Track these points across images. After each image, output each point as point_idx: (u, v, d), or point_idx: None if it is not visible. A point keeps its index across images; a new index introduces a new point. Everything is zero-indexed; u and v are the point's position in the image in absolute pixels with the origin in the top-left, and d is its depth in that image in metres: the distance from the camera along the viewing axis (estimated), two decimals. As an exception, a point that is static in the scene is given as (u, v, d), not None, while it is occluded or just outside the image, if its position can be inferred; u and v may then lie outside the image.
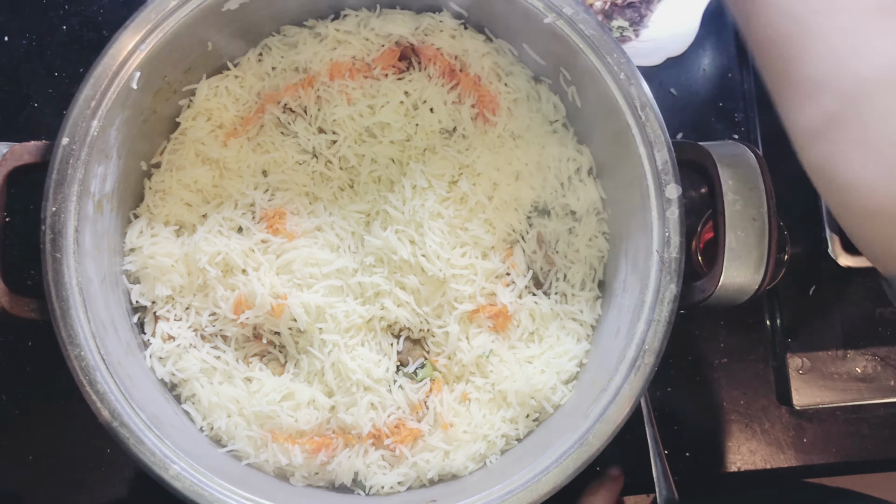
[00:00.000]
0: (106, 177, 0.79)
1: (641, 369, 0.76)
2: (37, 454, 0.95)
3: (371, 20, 0.90)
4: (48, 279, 0.72)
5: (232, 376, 0.86)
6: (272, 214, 0.88)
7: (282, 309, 0.85)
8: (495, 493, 0.74)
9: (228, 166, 0.90)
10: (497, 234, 0.89)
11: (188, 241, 0.87)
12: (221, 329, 0.87)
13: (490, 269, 0.88)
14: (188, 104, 0.90)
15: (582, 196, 0.91)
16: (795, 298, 1.05)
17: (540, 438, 0.85)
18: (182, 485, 0.71)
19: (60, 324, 0.72)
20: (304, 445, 0.83)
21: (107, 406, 0.71)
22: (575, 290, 0.91)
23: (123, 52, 0.75)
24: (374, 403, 0.85)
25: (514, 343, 0.89)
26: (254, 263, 0.86)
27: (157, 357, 0.85)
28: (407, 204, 0.88)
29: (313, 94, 0.90)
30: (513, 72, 0.92)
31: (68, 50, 1.01)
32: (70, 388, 0.95)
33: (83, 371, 0.71)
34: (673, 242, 0.77)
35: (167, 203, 0.89)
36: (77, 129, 0.74)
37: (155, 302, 0.87)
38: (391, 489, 0.84)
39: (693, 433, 1.02)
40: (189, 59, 0.84)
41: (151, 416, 0.74)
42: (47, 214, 0.73)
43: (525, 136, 0.91)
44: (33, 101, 1.00)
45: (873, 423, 1.03)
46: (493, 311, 0.88)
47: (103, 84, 0.75)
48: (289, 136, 0.91)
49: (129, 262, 0.86)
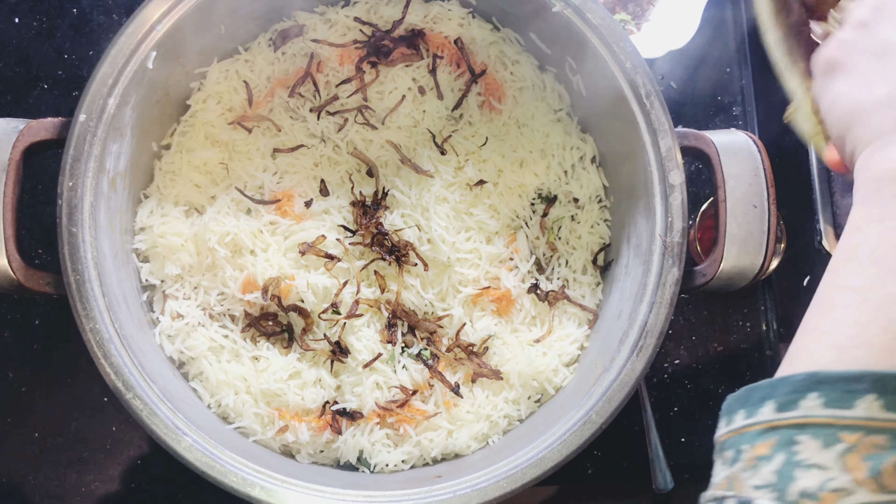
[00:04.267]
0: (120, 155, 0.80)
1: (644, 350, 0.77)
2: (42, 432, 0.96)
3: (380, 7, 0.92)
4: (64, 253, 0.73)
5: (239, 355, 0.87)
6: (280, 196, 0.89)
7: (289, 289, 0.86)
8: (501, 467, 0.76)
9: (237, 149, 0.91)
10: (501, 220, 0.91)
11: (198, 222, 0.88)
12: (229, 308, 0.88)
13: (494, 254, 0.90)
14: (199, 87, 0.91)
15: (585, 183, 0.93)
16: (790, 289, 1.07)
17: (541, 419, 0.87)
18: (194, 456, 0.73)
19: (76, 297, 0.72)
20: (311, 423, 0.85)
21: (121, 378, 0.72)
22: (577, 275, 0.93)
23: (141, 32, 0.76)
24: (380, 383, 0.86)
25: (516, 326, 0.91)
26: (262, 244, 0.88)
27: (166, 335, 0.86)
28: (413, 188, 0.90)
29: (322, 80, 0.92)
30: (519, 61, 0.94)
31: (78, 32, 1.02)
32: (76, 367, 0.97)
33: (98, 344, 0.72)
34: (676, 227, 0.79)
35: (177, 184, 0.90)
36: (94, 105, 0.75)
37: (164, 281, 0.88)
38: (395, 467, 0.86)
39: (689, 419, 1.04)
40: (202, 42, 0.85)
41: (163, 390, 0.75)
42: (64, 189, 0.74)
43: (530, 124, 0.93)
44: (43, 83, 1.01)
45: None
46: (496, 294, 0.90)
47: (120, 63, 0.76)
48: (298, 120, 0.92)
49: (139, 240, 0.87)
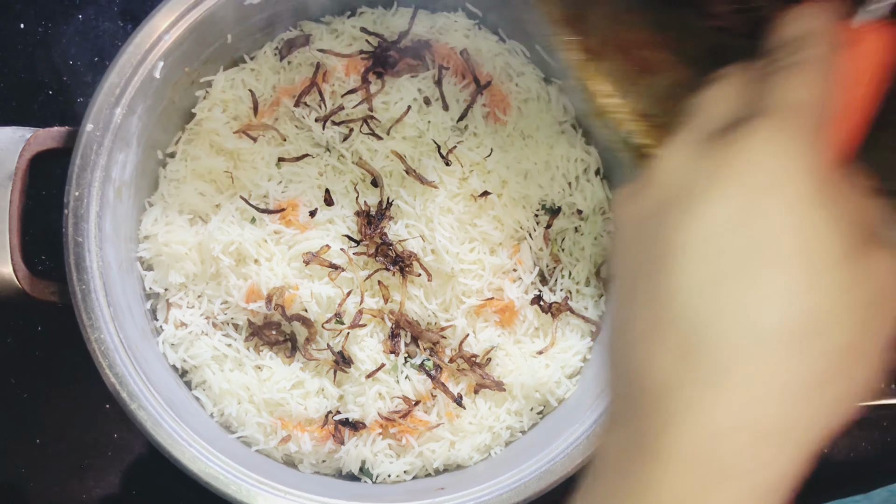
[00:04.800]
0: (126, 164, 0.80)
1: (647, 364, 0.78)
2: (44, 438, 0.96)
3: (387, 18, 0.92)
4: (70, 263, 0.73)
5: (243, 364, 0.87)
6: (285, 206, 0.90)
7: (293, 299, 0.87)
8: (504, 480, 0.76)
9: (242, 157, 0.91)
10: (505, 231, 0.92)
11: (202, 230, 0.88)
12: (233, 317, 0.88)
13: (498, 265, 0.90)
14: (204, 95, 0.91)
15: (589, 195, 0.94)
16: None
17: (544, 431, 0.87)
18: (197, 467, 0.73)
19: (82, 307, 0.73)
20: (314, 433, 0.85)
21: (126, 388, 0.73)
22: (580, 286, 0.93)
23: (148, 42, 0.77)
24: (382, 393, 0.87)
25: (519, 337, 0.91)
26: (266, 253, 0.88)
27: (169, 343, 0.86)
28: (417, 199, 0.90)
29: (328, 89, 0.92)
30: (524, 72, 0.94)
31: (84, 39, 1.02)
32: (78, 373, 0.97)
33: (103, 354, 0.73)
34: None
35: (181, 192, 0.90)
36: (101, 115, 0.75)
37: (168, 289, 0.88)
38: (398, 478, 0.86)
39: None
40: (209, 51, 0.86)
41: (167, 400, 0.75)
42: (70, 199, 0.74)
43: (534, 136, 0.93)
44: (47, 89, 1.01)
45: (863, 425, 1.06)
46: (499, 305, 0.90)
47: (128, 72, 0.76)
48: (303, 130, 0.92)
49: (143, 248, 0.87)
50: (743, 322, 0.34)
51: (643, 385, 0.37)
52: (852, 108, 0.41)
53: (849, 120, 0.41)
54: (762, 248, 0.35)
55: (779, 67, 0.39)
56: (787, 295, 0.34)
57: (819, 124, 0.37)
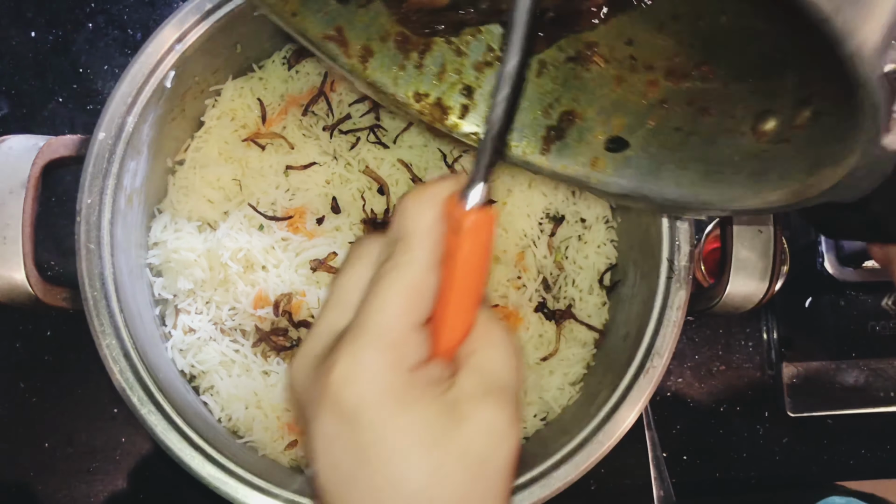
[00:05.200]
0: (137, 172, 0.81)
1: (650, 372, 0.79)
2: (52, 442, 0.97)
3: (394, 28, 0.93)
4: (82, 270, 0.74)
5: (250, 369, 0.88)
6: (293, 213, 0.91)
7: (300, 305, 0.87)
8: (509, 486, 0.76)
9: (251, 165, 0.92)
10: (510, 239, 0.93)
11: (211, 237, 0.89)
12: (241, 323, 0.89)
13: (502, 272, 0.91)
14: (213, 104, 0.92)
15: (592, 204, 0.95)
16: (791, 310, 1.08)
17: (547, 437, 0.88)
18: (207, 472, 0.74)
19: (93, 314, 0.74)
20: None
21: (136, 394, 0.73)
22: (583, 294, 0.94)
23: (160, 52, 0.78)
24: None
25: (522, 344, 0.92)
26: (274, 260, 0.89)
27: (178, 349, 0.87)
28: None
29: (336, 98, 0.93)
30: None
31: (93, 47, 1.04)
32: (87, 377, 0.98)
33: (114, 360, 0.73)
34: (683, 251, 0.80)
35: (190, 199, 0.91)
36: (113, 124, 0.76)
37: (176, 295, 0.89)
38: (403, 483, 0.87)
39: (691, 437, 1.05)
40: (219, 61, 0.87)
41: (176, 405, 0.76)
42: (83, 206, 0.75)
43: (539, 145, 0.94)
44: (57, 97, 1.02)
45: (864, 432, 1.07)
46: (504, 312, 0.91)
47: (139, 81, 0.77)
48: (310, 138, 0.94)
49: (152, 255, 0.88)
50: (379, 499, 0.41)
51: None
52: (452, 292, 0.44)
53: (448, 305, 0.44)
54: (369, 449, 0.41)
55: (379, 275, 0.44)
56: (409, 475, 0.41)
57: (400, 336, 0.42)
